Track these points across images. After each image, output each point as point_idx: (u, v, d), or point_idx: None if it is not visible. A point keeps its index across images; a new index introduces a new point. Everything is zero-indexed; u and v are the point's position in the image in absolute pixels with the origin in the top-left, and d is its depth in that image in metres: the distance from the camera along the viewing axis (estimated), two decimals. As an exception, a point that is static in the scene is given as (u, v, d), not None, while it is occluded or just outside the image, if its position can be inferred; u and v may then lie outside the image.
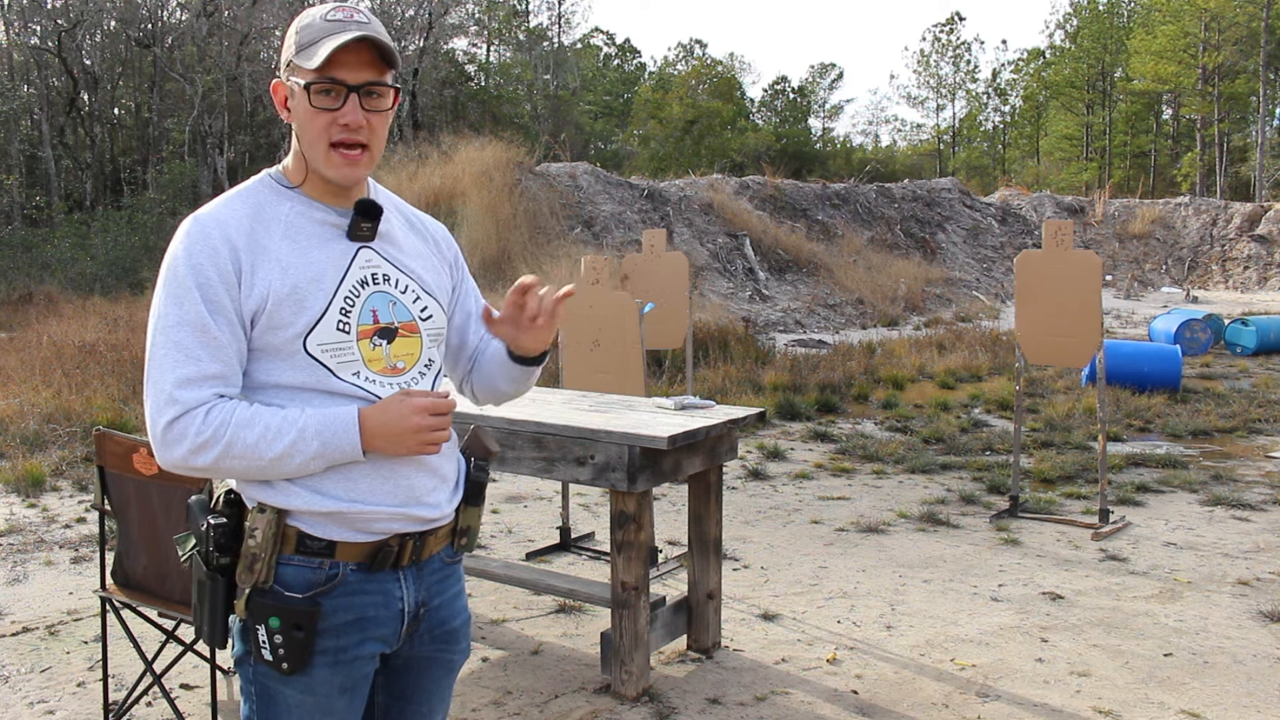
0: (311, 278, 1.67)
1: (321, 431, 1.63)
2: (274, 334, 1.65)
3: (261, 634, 1.65)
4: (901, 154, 60.62)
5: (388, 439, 1.66)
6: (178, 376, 1.60)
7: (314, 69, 1.63)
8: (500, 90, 42.67)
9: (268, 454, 1.61)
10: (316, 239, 1.71)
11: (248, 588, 1.65)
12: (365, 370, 1.70)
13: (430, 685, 1.87)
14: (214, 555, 1.67)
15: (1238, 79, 42.57)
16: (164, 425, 1.61)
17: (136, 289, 18.59)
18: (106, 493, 3.22)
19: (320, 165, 1.69)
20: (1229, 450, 7.75)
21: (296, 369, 1.66)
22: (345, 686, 1.72)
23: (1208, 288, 22.31)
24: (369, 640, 1.72)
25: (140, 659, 3.23)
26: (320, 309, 1.66)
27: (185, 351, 1.61)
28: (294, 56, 1.68)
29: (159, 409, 1.61)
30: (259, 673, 1.69)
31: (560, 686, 3.73)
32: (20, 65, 30.02)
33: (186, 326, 1.61)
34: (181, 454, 1.61)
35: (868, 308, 17.39)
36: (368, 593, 1.71)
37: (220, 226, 1.65)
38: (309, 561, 1.67)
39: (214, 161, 28.07)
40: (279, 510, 1.66)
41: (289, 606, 1.65)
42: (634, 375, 5.25)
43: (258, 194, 1.72)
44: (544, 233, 16.73)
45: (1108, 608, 4.49)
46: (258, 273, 1.64)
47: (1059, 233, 5.81)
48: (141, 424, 8.21)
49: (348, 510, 1.67)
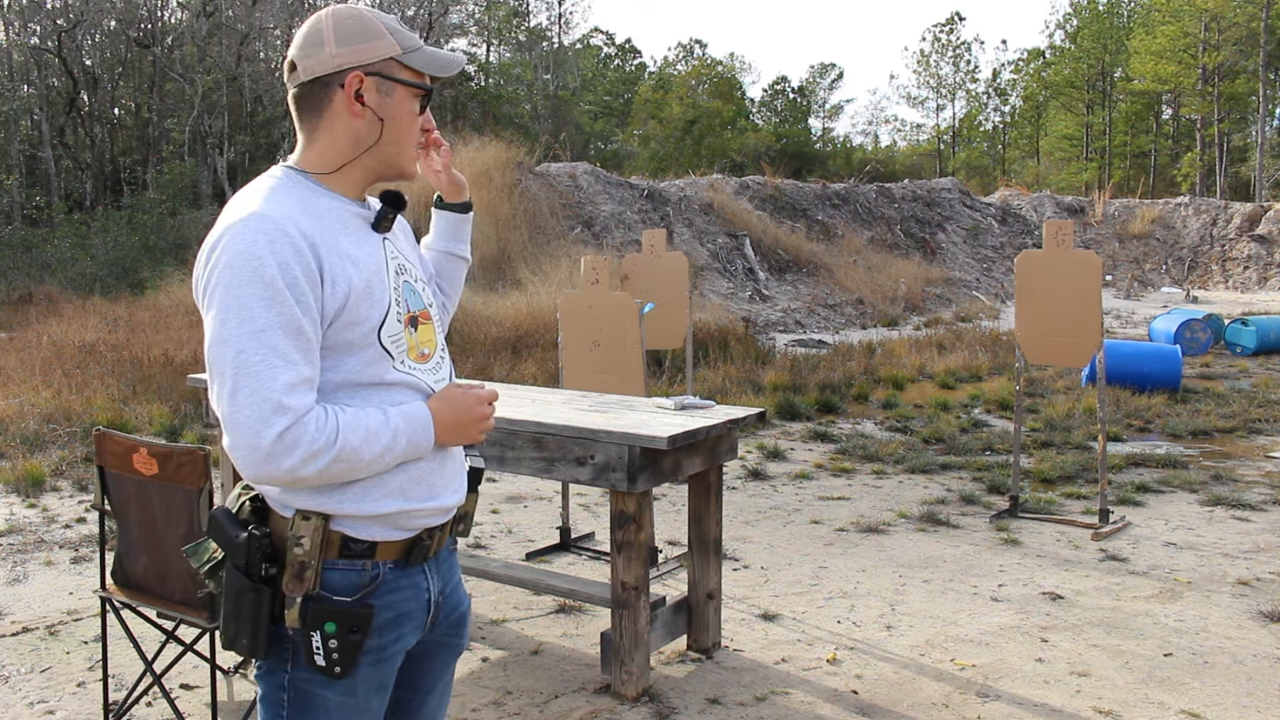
0: (375, 270, 1.69)
1: (409, 430, 1.66)
2: (351, 329, 1.64)
3: (316, 640, 1.63)
4: (901, 154, 60.60)
5: (454, 431, 1.73)
6: (285, 382, 1.54)
7: (421, 75, 1.72)
8: (500, 90, 42.64)
9: (367, 456, 1.61)
10: (361, 232, 1.73)
11: (298, 596, 1.63)
12: (407, 359, 1.73)
13: (440, 671, 1.90)
14: (263, 566, 1.64)
15: (1238, 79, 42.56)
16: (275, 436, 1.53)
17: (136, 289, 18.58)
18: (106, 493, 3.22)
19: (408, 163, 1.77)
20: (1229, 450, 7.75)
21: (368, 362, 1.67)
22: (382, 684, 1.74)
23: (1208, 288, 22.31)
24: (405, 635, 1.75)
25: (140, 659, 3.23)
26: (388, 300, 1.69)
27: (283, 356, 1.55)
28: (400, 55, 1.69)
29: (265, 419, 1.52)
30: (299, 679, 1.67)
31: (560, 686, 3.73)
32: (20, 65, 30.01)
33: (280, 330, 1.55)
34: (291, 464, 1.54)
35: (868, 308, 17.39)
36: (403, 589, 1.73)
37: (294, 223, 1.60)
38: (353, 564, 1.67)
39: (214, 161, 28.06)
40: (325, 516, 1.65)
41: (345, 610, 1.64)
42: (634, 375, 5.25)
43: (297, 190, 1.68)
44: (544, 233, 16.73)
45: (1108, 608, 4.49)
46: (335, 269, 1.63)
47: (1059, 233, 5.81)
48: (141, 424, 8.20)
49: (398, 510, 1.69)
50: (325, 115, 1.70)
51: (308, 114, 1.72)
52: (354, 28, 1.68)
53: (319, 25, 1.69)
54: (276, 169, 1.74)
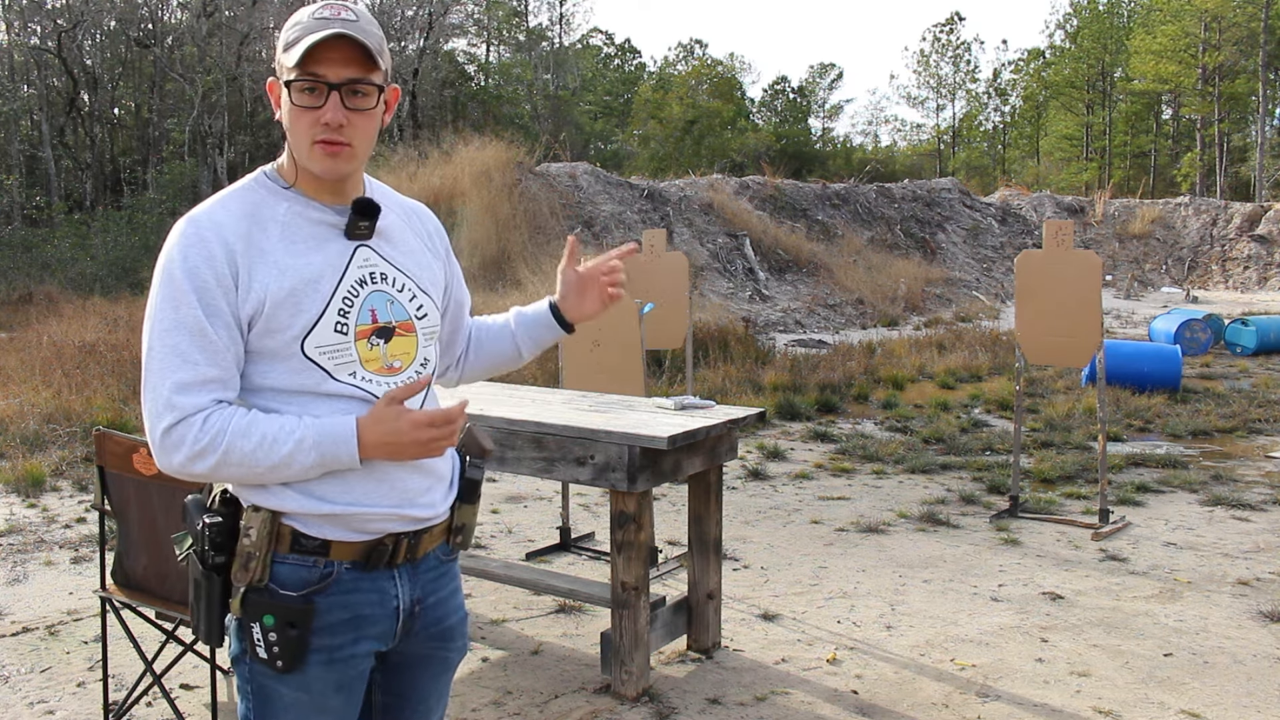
0: (308, 279, 1.66)
1: (320, 443, 1.63)
2: (271, 337, 1.64)
3: (256, 632, 1.66)
4: (901, 154, 60.61)
5: (385, 448, 1.66)
6: (175, 382, 1.60)
7: (295, 65, 1.61)
8: (500, 90, 42.66)
9: (265, 462, 1.61)
10: (314, 239, 1.70)
11: (243, 586, 1.66)
12: (361, 370, 1.70)
13: (428, 683, 1.88)
14: (210, 554, 1.67)
15: (1238, 79, 42.57)
16: (162, 431, 1.60)
17: (136, 289, 18.59)
18: (106, 493, 3.22)
19: (305, 160, 1.67)
20: (1229, 450, 7.75)
21: (293, 371, 1.66)
22: (340, 685, 1.72)
23: (1208, 288, 22.31)
24: (364, 639, 1.73)
25: (140, 659, 3.23)
26: (317, 311, 1.66)
27: (182, 356, 1.60)
28: (280, 54, 1.67)
29: (157, 414, 1.60)
30: (255, 671, 1.70)
31: (560, 686, 3.73)
32: (20, 65, 30.02)
33: (183, 331, 1.60)
34: (180, 460, 1.61)
35: (868, 308, 17.39)
36: (362, 591, 1.71)
37: (216, 228, 1.64)
38: (304, 560, 1.67)
39: (214, 162, 28.07)
40: (273, 511, 1.66)
41: (283, 604, 1.65)
42: (634, 375, 5.25)
43: (254, 193, 1.70)
44: (544, 233, 16.73)
45: (1108, 608, 4.49)
46: (255, 275, 1.63)
47: (1059, 233, 5.81)
48: (141, 424, 8.20)
49: (342, 512, 1.67)
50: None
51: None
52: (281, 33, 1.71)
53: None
54: (257, 171, 1.76)
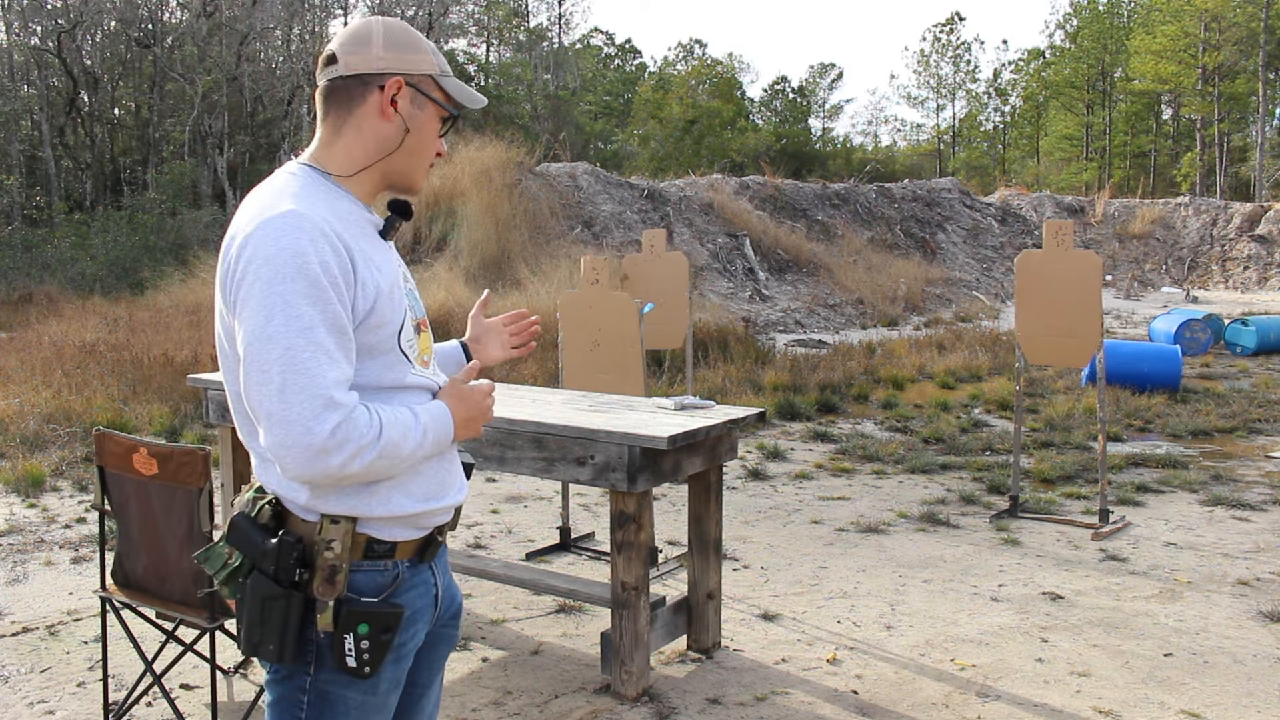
0: (393, 275, 1.72)
1: (434, 427, 1.69)
2: (374, 333, 1.65)
3: (349, 642, 1.64)
4: (901, 154, 60.61)
5: (466, 425, 1.77)
6: (334, 379, 1.55)
7: (456, 102, 1.78)
8: (500, 90, 42.64)
9: (405, 451, 1.64)
10: (376, 238, 1.75)
11: (330, 600, 1.63)
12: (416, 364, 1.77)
13: (437, 663, 1.92)
14: (296, 571, 1.64)
15: (1238, 79, 42.57)
16: (328, 432, 1.53)
17: (136, 289, 18.59)
18: (106, 493, 3.22)
19: (413, 173, 1.79)
20: (1229, 450, 7.75)
21: (388, 366, 1.69)
22: (398, 680, 1.76)
23: (1208, 288, 22.31)
24: (419, 632, 1.78)
25: (140, 659, 3.23)
26: (405, 305, 1.72)
27: (329, 354, 1.55)
28: (437, 75, 1.75)
29: (316, 415, 1.52)
30: (321, 680, 1.67)
31: (560, 686, 3.73)
32: (20, 65, 30.01)
33: (325, 328, 1.56)
34: (341, 459, 1.55)
35: (868, 308, 17.38)
36: (416, 586, 1.76)
37: (328, 223, 1.61)
38: (376, 565, 1.69)
39: (214, 162, 28.06)
40: (353, 519, 1.66)
41: (377, 611, 1.65)
42: (634, 375, 5.25)
43: (320, 190, 1.69)
44: (544, 233, 16.73)
45: (1108, 608, 4.49)
46: (361, 271, 1.63)
47: (1059, 233, 5.81)
48: (141, 424, 8.20)
49: (419, 510, 1.72)
50: (355, 113, 1.72)
51: (337, 108, 1.73)
52: (403, 37, 1.73)
53: (369, 27, 1.73)
54: (294, 165, 1.74)
